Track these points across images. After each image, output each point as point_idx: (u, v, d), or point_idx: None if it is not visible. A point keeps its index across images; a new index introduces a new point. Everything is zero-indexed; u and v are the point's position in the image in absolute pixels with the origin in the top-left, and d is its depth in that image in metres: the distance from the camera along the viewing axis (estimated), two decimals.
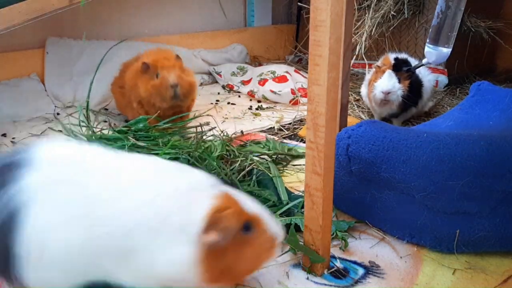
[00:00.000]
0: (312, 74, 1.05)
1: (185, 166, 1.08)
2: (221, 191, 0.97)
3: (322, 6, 0.99)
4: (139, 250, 0.91)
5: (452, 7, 1.85)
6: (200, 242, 0.90)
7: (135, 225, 0.91)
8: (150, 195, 0.93)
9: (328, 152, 1.09)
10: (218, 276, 0.95)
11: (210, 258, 0.92)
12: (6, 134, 2.24)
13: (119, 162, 1.01)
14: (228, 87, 3.14)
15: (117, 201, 0.92)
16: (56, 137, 1.09)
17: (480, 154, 1.24)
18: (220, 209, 0.93)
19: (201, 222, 0.91)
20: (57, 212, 0.90)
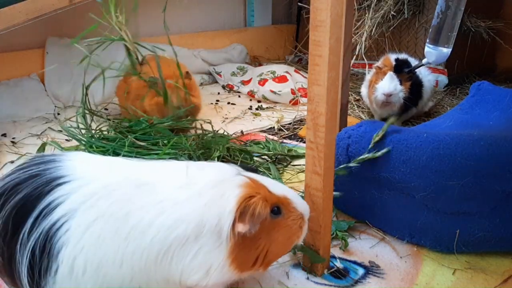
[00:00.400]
0: (312, 74, 1.05)
1: (203, 162, 1.07)
2: (245, 179, 0.98)
3: (322, 6, 0.99)
4: (176, 261, 0.92)
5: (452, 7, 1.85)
6: (232, 235, 0.91)
7: (174, 239, 0.91)
8: (185, 210, 0.93)
9: (328, 152, 1.09)
10: (251, 263, 0.97)
11: (242, 247, 0.93)
12: (6, 134, 2.24)
13: (149, 174, 1.00)
14: (228, 87, 3.14)
15: (155, 218, 0.92)
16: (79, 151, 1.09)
17: (480, 154, 1.24)
18: (247, 197, 0.93)
19: (231, 216, 0.92)
20: (98, 228, 0.90)
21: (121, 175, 0.98)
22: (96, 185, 0.94)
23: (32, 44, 2.73)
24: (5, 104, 2.48)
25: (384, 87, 2.15)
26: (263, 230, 0.95)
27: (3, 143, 2.13)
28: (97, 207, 0.91)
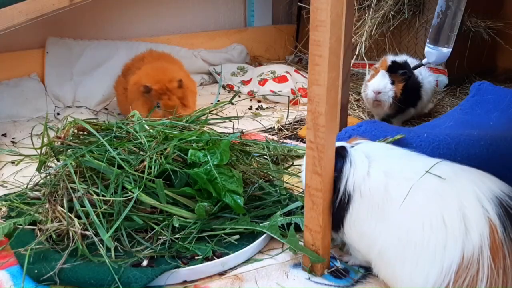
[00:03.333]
0: (312, 74, 1.05)
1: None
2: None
3: (322, 6, 0.99)
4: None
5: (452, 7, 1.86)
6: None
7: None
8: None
9: (328, 152, 1.09)
10: None
11: None
12: (6, 134, 2.24)
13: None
14: (228, 87, 3.14)
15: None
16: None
17: (480, 154, 1.25)
18: None
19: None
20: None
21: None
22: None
23: (32, 44, 2.73)
24: (5, 104, 2.48)
25: (374, 85, 2.15)
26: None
27: (3, 143, 2.12)
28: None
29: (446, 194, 0.96)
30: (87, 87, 2.76)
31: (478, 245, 0.89)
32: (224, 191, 1.31)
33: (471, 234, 0.90)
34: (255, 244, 1.27)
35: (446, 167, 1.02)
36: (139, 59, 2.37)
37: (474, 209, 0.92)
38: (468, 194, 0.94)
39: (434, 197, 0.97)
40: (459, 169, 1.03)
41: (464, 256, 0.90)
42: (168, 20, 3.32)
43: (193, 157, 1.35)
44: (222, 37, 3.56)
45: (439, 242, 0.93)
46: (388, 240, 1.02)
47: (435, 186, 0.98)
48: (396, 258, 1.01)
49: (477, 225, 0.90)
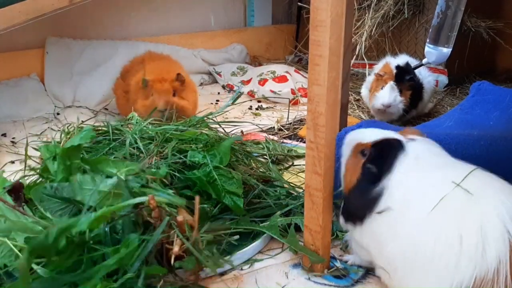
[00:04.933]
0: (312, 74, 1.05)
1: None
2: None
3: (322, 6, 0.99)
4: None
5: (452, 7, 1.86)
6: None
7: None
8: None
9: (328, 152, 1.09)
10: None
11: None
12: (6, 134, 2.24)
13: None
14: (228, 87, 3.14)
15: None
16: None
17: (480, 154, 1.24)
18: None
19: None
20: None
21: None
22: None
23: (32, 44, 2.73)
24: (4, 104, 2.48)
25: (384, 98, 2.14)
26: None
27: (3, 143, 2.12)
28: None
29: (468, 210, 0.91)
30: (87, 87, 2.76)
31: (494, 267, 0.85)
32: (223, 192, 1.31)
33: (487, 255, 0.86)
34: (255, 244, 1.27)
35: (475, 179, 0.96)
36: (138, 61, 2.37)
37: (495, 229, 0.87)
38: (491, 212, 0.89)
39: (454, 212, 0.92)
40: (488, 181, 0.97)
41: (476, 276, 0.86)
42: (168, 20, 3.32)
43: (193, 159, 1.34)
44: (222, 37, 3.56)
45: (451, 259, 0.89)
46: (399, 247, 0.99)
47: (458, 200, 0.93)
48: (404, 268, 0.98)
49: (495, 246, 0.86)
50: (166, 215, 1.06)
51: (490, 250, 0.86)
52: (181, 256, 1.06)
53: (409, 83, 2.16)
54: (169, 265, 1.06)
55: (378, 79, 2.22)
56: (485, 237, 0.87)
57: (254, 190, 1.42)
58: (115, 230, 1.06)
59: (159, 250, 1.07)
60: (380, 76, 2.20)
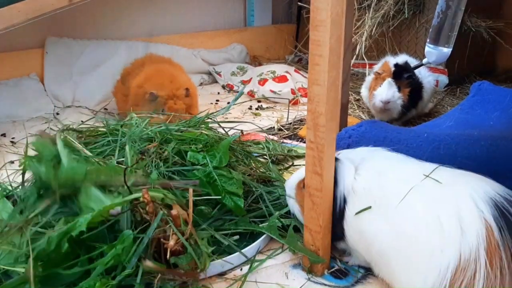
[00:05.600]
0: (312, 74, 1.05)
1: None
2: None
3: (322, 6, 0.99)
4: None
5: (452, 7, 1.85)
6: None
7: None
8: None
9: (328, 152, 1.09)
10: None
11: None
12: (6, 134, 2.24)
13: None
14: (228, 86, 3.14)
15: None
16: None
17: (480, 154, 1.24)
18: None
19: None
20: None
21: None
22: None
23: (31, 44, 2.73)
24: (4, 104, 2.48)
25: (382, 95, 2.14)
26: None
27: (3, 143, 2.12)
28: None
29: (443, 197, 0.97)
30: (86, 87, 2.76)
31: (475, 246, 0.90)
32: (223, 193, 1.30)
33: (467, 236, 0.91)
34: (255, 245, 1.27)
35: (443, 172, 1.04)
36: (139, 64, 2.36)
37: (470, 212, 0.93)
38: (464, 197, 0.95)
39: (431, 200, 0.98)
40: (456, 173, 1.04)
41: (461, 257, 0.91)
42: (168, 20, 3.32)
43: (192, 159, 1.34)
44: (222, 37, 3.56)
45: (437, 245, 0.93)
46: (386, 240, 1.03)
47: (431, 189, 1.00)
48: (395, 259, 1.02)
49: (473, 227, 0.91)
50: (161, 210, 1.06)
51: (469, 231, 0.91)
52: (179, 253, 1.06)
53: (407, 80, 2.15)
54: (167, 262, 1.06)
55: (377, 77, 2.22)
56: (463, 219, 0.92)
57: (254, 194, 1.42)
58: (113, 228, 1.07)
59: (157, 248, 1.07)
60: (379, 74, 2.21)
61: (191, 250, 1.05)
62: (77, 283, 0.98)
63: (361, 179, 1.11)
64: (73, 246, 0.99)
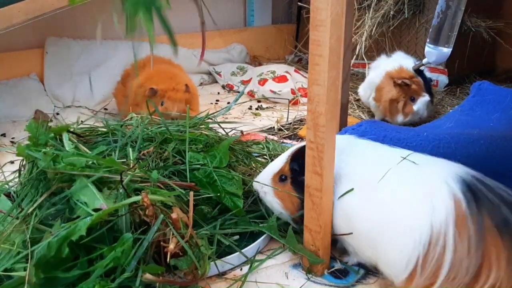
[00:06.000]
0: (312, 74, 1.05)
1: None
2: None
3: (322, 6, 0.99)
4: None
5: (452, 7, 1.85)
6: None
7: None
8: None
9: (328, 152, 1.09)
10: None
11: None
12: (6, 134, 2.24)
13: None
14: (228, 87, 3.14)
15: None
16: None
17: (480, 153, 1.25)
18: None
19: None
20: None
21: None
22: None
23: (31, 44, 2.73)
24: (4, 104, 2.48)
25: (423, 113, 2.16)
26: None
27: (3, 143, 2.12)
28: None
29: (416, 177, 1.06)
30: (86, 87, 2.76)
31: (444, 220, 0.96)
32: (223, 193, 1.30)
33: (437, 210, 0.98)
34: (255, 245, 1.27)
35: (417, 156, 1.11)
36: (140, 65, 2.36)
37: (440, 188, 1.00)
38: (435, 175, 1.03)
39: (405, 180, 1.06)
40: (428, 157, 1.13)
41: (432, 232, 0.97)
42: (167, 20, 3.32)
43: (192, 160, 1.34)
44: (222, 37, 3.56)
45: (411, 221, 1.00)
46: (368, 219, 1.09)
47: (406, 170, 1.08)
48: (376, 237, 1.08)
49: (442, 202, 0.98)
50: (161, 213, 1.06)
51: (439, 206, 0.98)
52: (180, 255, 1.06)
53: (429, 88, 2.19)
54: (167, 265, 1.06)
55: (403, 88, 2.15)
56: (433, 196, 1.00)
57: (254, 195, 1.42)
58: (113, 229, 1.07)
59: (157, 250, 1.07)
60: (407, 85, 2.13)
61: (191, 254, 1.05)
62: (76, 284, 0.98)
63: (344, 165, 1.16)
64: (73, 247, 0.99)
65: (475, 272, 0.92)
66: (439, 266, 0.95)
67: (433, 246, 0.96)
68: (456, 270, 0.94)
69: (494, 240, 0.94)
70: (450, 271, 0.94)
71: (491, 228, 0.94)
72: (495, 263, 0.92)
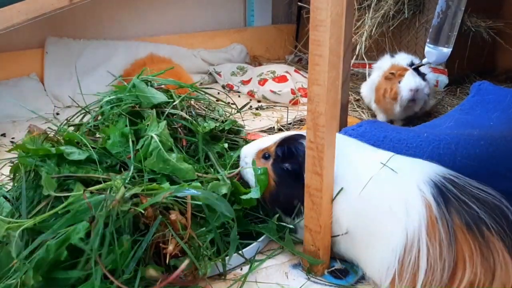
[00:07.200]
0: (312, 74, 1.05)
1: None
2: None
3: (322, 6, 0.99)
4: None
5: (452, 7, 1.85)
6: None
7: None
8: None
9: (328, 152, 1.09)
10: None
11: None
12: (6, 134, 2.24)
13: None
14: (228, 87, 3.14)
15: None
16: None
17: (480, 154, 1.24)
18: None
19: None
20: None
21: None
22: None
23: (31, 44, 2.73)
24: (4, 104, 2.48)
25: (410, 83, 2.09)
26: None
27: (3, 143, 2.12)
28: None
29: (392, 183, 1.10)
30: (86, 87, 2.75)
31: (417, 224, 1.01)
32: None
33: (411, 216, 1.02)
34: (255, 245, 1.27)
35: (396, 160, 1.15)
36: (140, 65, 2.36)
37: (413, 194, 1.05)
38: (408, 182, 1.08)
39: (382, 187, 1.10)
40: (405, 161, 1.17)
41: (407, 236, 1.01)
42: (168, 20, 3.32)
43: None
44: (221, 37, 3.56)
45: (389, 226, 1.05)
46: (351, 221, 1.14)
47: (384, 176, 1.11)
48: (358, 239, 1.13)
49: (415, 207, 1.03)
50: (160, 215, 1.06)
51: (412, 212, 1.03)
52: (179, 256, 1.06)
53: (423, 76, 2.16)
54: (167, 265, 1.06)
55: (390, 78, 2.16)
56: (407, 201, 1.04)
57: None
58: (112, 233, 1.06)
59: (157, 251, 1.07)
60: (392, 74, 2.16)
61: (191, 255, 1.04)
62: (76, 285, 0.98)
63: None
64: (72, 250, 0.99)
65: (452, 271, 0.97)
66: (416, 271, 0.99)
67: (408, 252, 1.00)
68: (433, 272, 0.98)
69: (466, 238, 0.98)
70: (427, 274, 0.98)
71: (461, 227, 0.99)
72: (470, 260, 0.96)
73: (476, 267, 0.96)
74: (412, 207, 1.03)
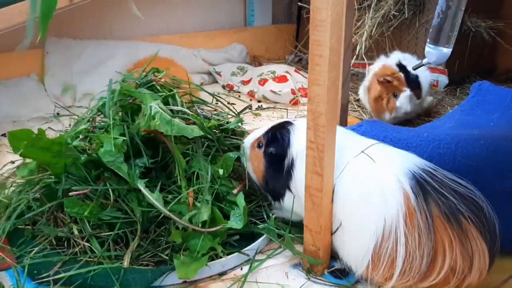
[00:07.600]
0: (312, 74, 1.05)
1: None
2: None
3: (322, 5, 0.99)
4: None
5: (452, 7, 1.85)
6: None
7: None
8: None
9: (328, 152, 1.09)
10: None
11: None
12: (6, 134, 2.24)
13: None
14: (228, 87, 3.14)
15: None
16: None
17: (480, 154, 1.24)
18: None
19: None
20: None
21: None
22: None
23: (31, 44, 2.73)
24: (4, 104, 2.48)
25: (407, 108, 2.17)
26: None
27: (3, 143, 2.12)
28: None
29: (372, 174, 1.11)
30: (87, 87, 2.75)
31: (395, 214, 1.04)
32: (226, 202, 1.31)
33: (389, 205, 1.05)
34: (255, 245, 1.27)
35: (377, 149, 1.17)
36: (141, 64, 2.36)
37: (392, 184, 1.07)
38: (387, 172, 1.10)
39: (362, 177, 1.12)
40: (386, 151, 1.18)
41: (385, 225, 1.04)
42: (168, 20, 3.32)
43: None
44: (222, 37, 3.56)
45: (368, 215, 1.08)
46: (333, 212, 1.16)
47: (365, 166, 1.13)
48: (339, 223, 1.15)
49: (394, 197, 1.05)
50: None
51: (390, 201, 1.05)
52: None
53: (416, 82, 2.19)
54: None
55: (385, 84, 2.16)
56: (386, 191, 1.07)
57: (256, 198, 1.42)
58: None
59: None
60: (388, 82, 2.15)
61: None
62: None
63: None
64: None
65: (431, 258, 1.00)
66: (393, 258, 1.03)
67: (386, 240, 1.03)
68: (411, 261, 1.01)
69: (444, 227, 1.01)
70: (405, 263, 1.01)
71: (440, 216, 1.02)
72: (449, 248, 1.00)
73: (456, 254, 0.99)
74: (391, 197, 1.06)
